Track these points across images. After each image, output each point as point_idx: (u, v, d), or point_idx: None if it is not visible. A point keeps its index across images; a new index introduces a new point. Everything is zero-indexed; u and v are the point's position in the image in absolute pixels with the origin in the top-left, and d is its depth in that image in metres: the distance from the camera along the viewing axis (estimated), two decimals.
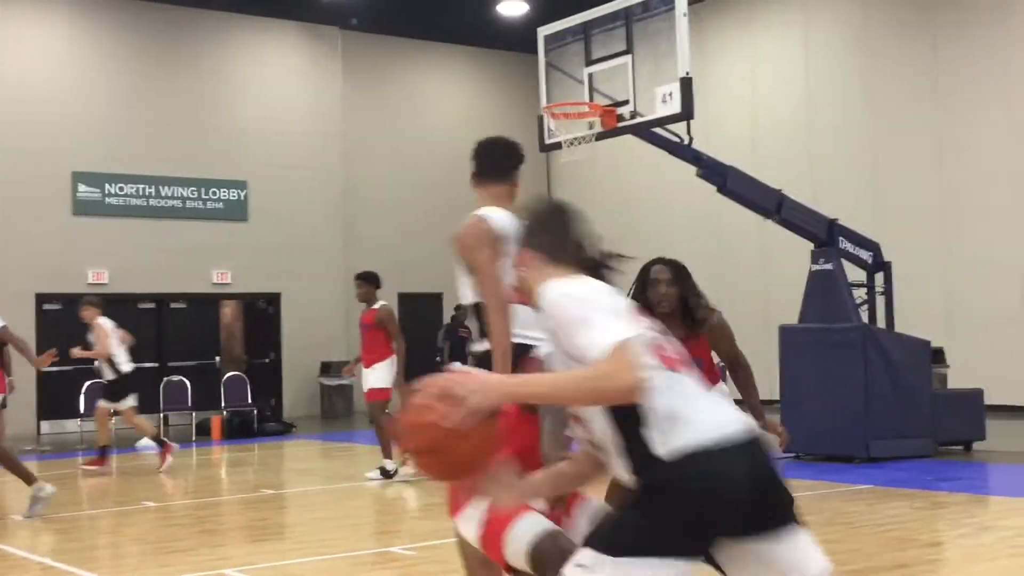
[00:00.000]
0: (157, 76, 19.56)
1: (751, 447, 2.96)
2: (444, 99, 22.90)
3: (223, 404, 17.58)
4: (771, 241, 17.83)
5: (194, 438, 16.63)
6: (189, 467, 13.82)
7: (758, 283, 18.96)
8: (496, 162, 4.64)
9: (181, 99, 19.71)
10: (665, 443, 2.90)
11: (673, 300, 5.52)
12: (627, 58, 10.83)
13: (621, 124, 10.88)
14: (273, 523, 9.23)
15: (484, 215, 4.46)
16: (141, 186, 19.18)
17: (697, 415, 2.96)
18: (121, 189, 19.00)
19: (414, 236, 21.87)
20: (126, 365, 12.80)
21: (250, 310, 20.99)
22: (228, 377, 18.12)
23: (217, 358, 19.95)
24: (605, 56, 11.09)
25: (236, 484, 12.26)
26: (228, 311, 21.20)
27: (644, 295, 5.45)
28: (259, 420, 17.45)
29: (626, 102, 10.82)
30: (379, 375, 10.83)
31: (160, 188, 19.35)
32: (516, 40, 21.25)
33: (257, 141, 20.29)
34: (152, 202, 19.28)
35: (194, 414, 17.25)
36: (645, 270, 5.53)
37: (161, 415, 17.42)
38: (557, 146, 11.34)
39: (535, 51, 11.85)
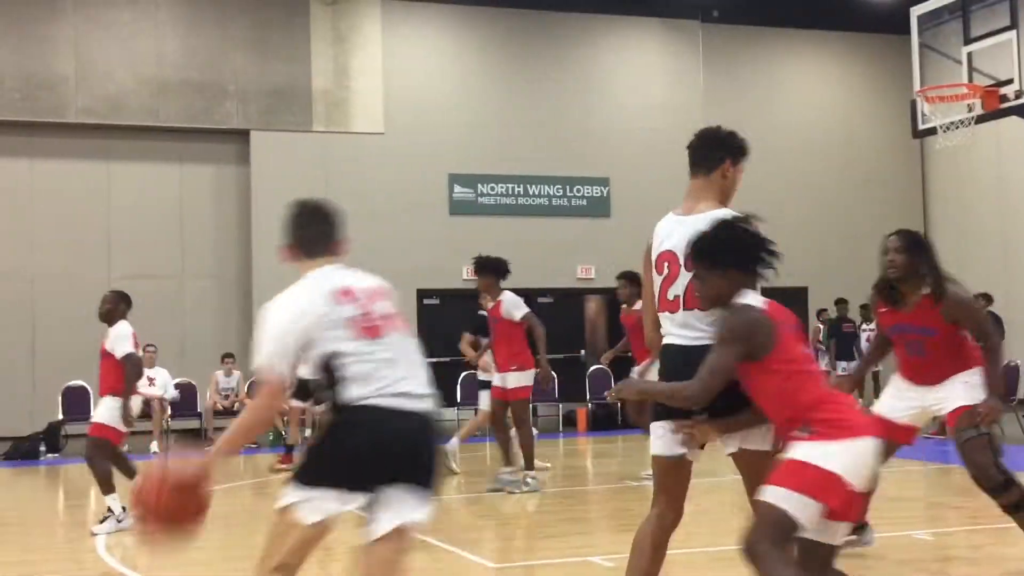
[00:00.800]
0: (526, 80, 20.38)
1: (415, 416, 3.96)
2: (808, 88, 22.23)
3: (588, 396, 18.04)
4: None
5: (561, 429, 17.18)
6: (557, 456, 14.30)
7: None
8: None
9: (548, 101, 20.42)
10: (343, 395, 3.90)
11: (901, 268, 6.06)
12: (1011, 34, 10.07)
13: (1004, 105, 10.13)
14: (638, 514, 9.31)
15: None
16: (510, 186, 20.07)
17: (376, 378, 3.94)
18: (492, 189, 19.98)
19: (778, 231, 21.03)
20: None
21: (613, 304, 21.33)
22: (593, 370, 18.57)
23: (582, 351, 20.49)
24: (986, 33, 10.38)
25: (601, 475, 12.53)
26: (592, 305, 21.71)
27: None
28: (622, 413, 17.76)
29: (1010, 81, 10.05)
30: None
31: (528, 187, 20.15)
32: (885, 21, 20.24)
33: (620, 138, 20.64)
34: (520, 201, 20.13)
35: (560, 406, 17.81)
36: (884, 239, 6.20)
37: (529, 406, 18.11)
38: (932, 131, 10.72)
39: (906, 32, 11.26)
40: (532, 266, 19.95)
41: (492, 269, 11.12)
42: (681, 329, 4.48)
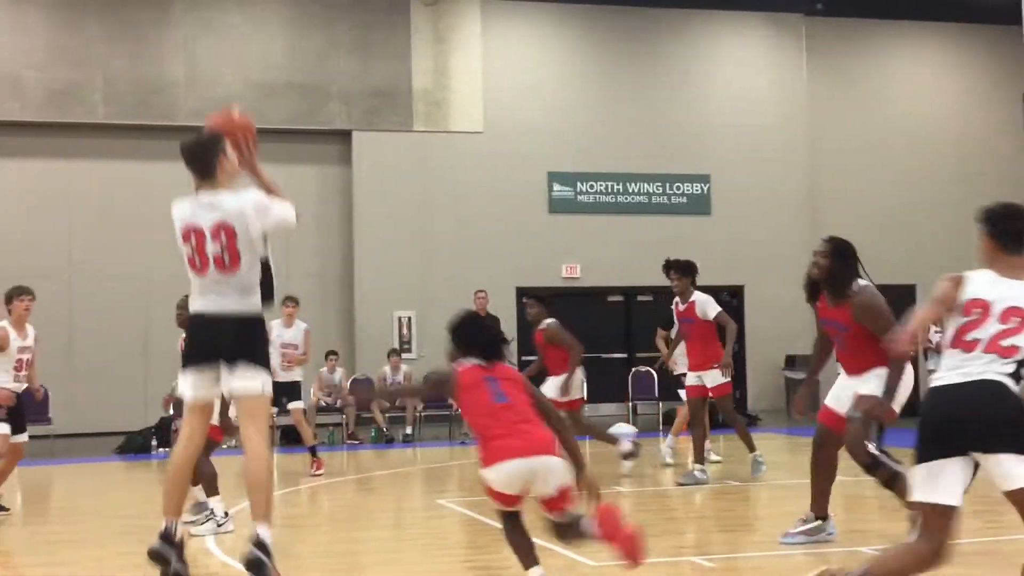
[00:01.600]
0: (624, 77, 20.29)
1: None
2: (917, 82, 21.69)
3: (685, 396, 17.86)
4: None
5: (660, 427, 17.07)
6: (656, 455, 14.21)
7: None
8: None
9: (646, 98, 20.30)
10: None
11: (823, 271, 7.52)
12: None
13: None
14: (738, 515, 9.25)
15: None
16: (609, 183, 20.01)
17: None
18: (591, 187, 19.94)
19: (887, 228, 20.92)
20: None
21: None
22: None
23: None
24: None
25: None
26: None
27: None
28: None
29: None
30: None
31: (627, 185, 20.06)
32: (1001, 12, 19.61)
33: (720, 135, 20.42)
34: (619, 199, 20.05)
35: (660, 404, 17.70)
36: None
37: (629, 404, 18.08)
38: None
39: (1020, 23, 10.89)
40: (632, 264, 19.90)
41: (686, 270, 11.64)
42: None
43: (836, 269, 7.37)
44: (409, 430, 17.11)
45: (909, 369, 6.85)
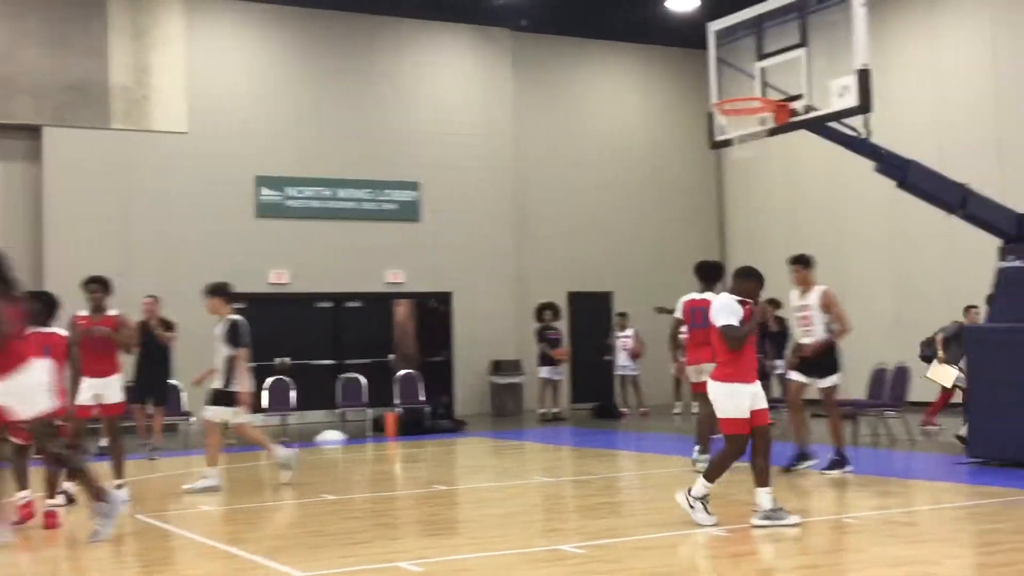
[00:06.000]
0: (335, 82, 20.18)
1: None
2: (613, 98, 22.84)
3: (397, 401, 18.00)
4: (958, 239, 17.11)
5: (369, 434, 17.07)
6: (365, 462, 14.20)
7: (943, 282, 18.21)
8: None
9: (357, 104, 20.28)
10: None
11: None
12: (801, 51, 10.58)
13: (794, 119, 10.64)
14: (446, 518, 9.38)
15: None
16: (319, 188, 19.82)
17: None
18: (300, 192, 19.68)
19: (585, 236, 21.91)
20: None
21: (422, 309, 21.42)
22: (401, 375, 18.55)
23: (391, 356, 20.43)
24: (778, 50, 10.86)
25: (410, 479, 12.52)
26: (401, 310, 21.68)
27: None
28: (431, 417, 17.79)
29: (800, 96, 10.57)
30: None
31: (337, 190, 19.95)
32: (686, 36, 20.97)
33: (429, 143, 20.69)
34: (329, 204, 19.90)
35: (369, 411, 17.70)
36: None
37: (338, 411, 17.97)
38: (727, 143, 11.16)
39: (705, 47, 11.69)
40: (341, 270, 19.82)
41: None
42: None
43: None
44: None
45: None
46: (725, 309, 7.89)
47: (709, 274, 11.30)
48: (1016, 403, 10.73)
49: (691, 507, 7.78)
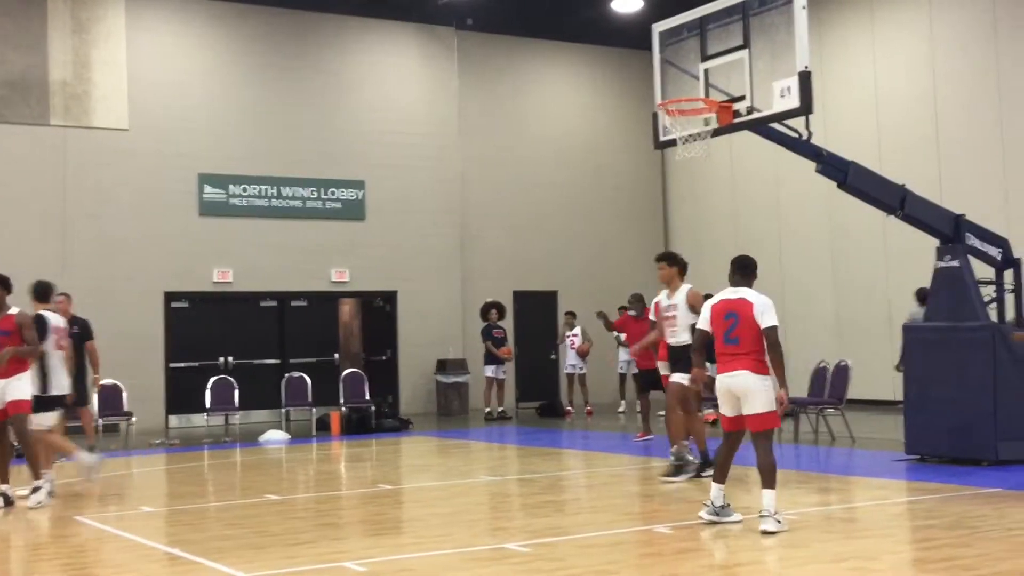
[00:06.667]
0: (278, 80, 20.03)
1: None
2: (559, 98, 22.91)
3: (342, 400, 17.92)
4: (895, 239, 17.40)
5: (314, 433, 16.97)
6: (309, 462, 14.11)
7: (881, 281, 18.50)
8: None
9: (302, 102, 20.14)
10: None
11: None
12: (744, 53, 10.67)
13: (737, 120, 10.73)
14: (391, 518, 9.36)
15: None
16: (263, 187, 19.66)
17: None
18: (244, 190, 19.51)
19: (530, 235, 21.97)
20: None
21: (367, 308, 21.34)
22: (346, 374, 18.47)
23: (336, 355, 20.34)
24: (721, 51, 10.93)
25: (355, 479, 12.47)
26: (346, 309, 21.59)
27: None
28: (377, 416, 17.73)
29: (742, 97, 10.66)
30: None
31: (281, 189, 19.80)
32: (631, 37, 21.14)
33: (374, 142, 20.61)
34: (274, 203, 19.75)
35: (314, 410, 17.61)
36: None
37: (283, 410, 17.85)
38: (672, 143, 11.23)
39: (650, 48, 11.76)
40: (286, 269, 19.69)
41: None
42: None
43: None
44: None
45: None
46: (771, 308, 7.71)
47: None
48: (951, 400, 10.94)
49: (721, 515, 7.73)
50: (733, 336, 7.67)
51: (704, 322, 7.88)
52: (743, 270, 7.95)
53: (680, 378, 10.18)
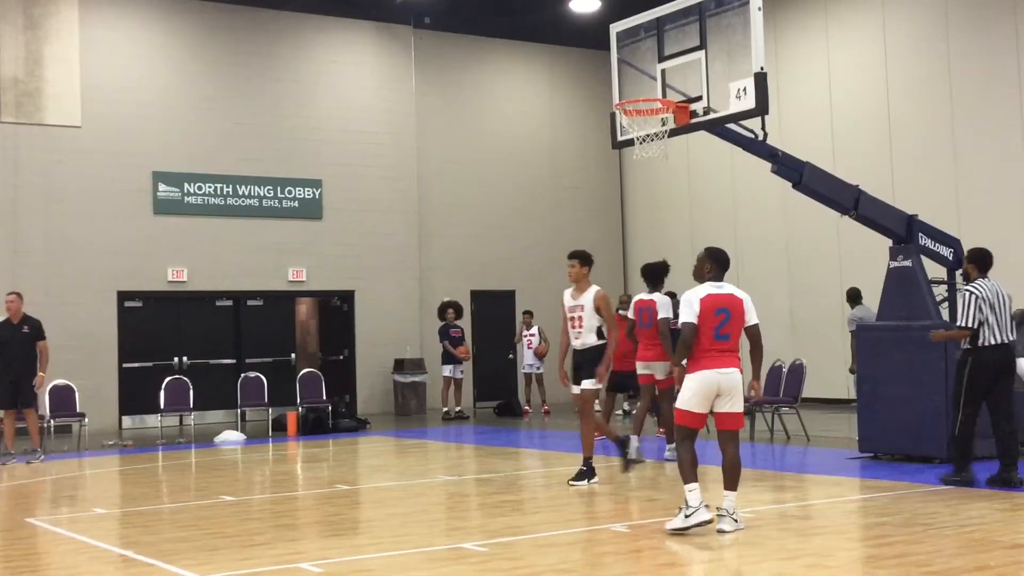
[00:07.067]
0: (234, 77, 19.87)
1: None
2: (516, 97, 22.92)
3: (299, 400, 17.81)
4: (849, 239, 17.57)
5: (270, 434, 16.86)
6: (266, 462, 14.02)
7: (835, 281, 18.68)
8: None
9: (257, 99, 20.00)
10: None
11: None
12: (700, 53, 10.73)
13: (694, 120, 10.79)
14: (348, 518, 9.31)
15: None
16: (219, 185, 19.49)
17: None
18: (199, 188, 19.34)
19: (488, 234, 21.96)
20: None
21: (325, 307, 21.23)
22: (303, 374, 18.36)
23: (292, 355, 20.22)
24: (678, 52, 10.99)
25: (311, 480, 12.39)
26: (303, 308, 21.47)
27: None
28: (334, 416, 17.64)
29: (699, 98, 10.72)
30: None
31: (237, 187, 19.64)
32: (588, 37, 21.19)
33: (331, 140, 20.51)
34: (229, 201, 19.58)
35: (270, 410, 17.49)
36: None
37: (238, 411, 17.71)
38: (629, 143, 11.26)
39: (608, 48, 11.80)
40: (242, 268, 19.54)
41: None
42: None
43: None
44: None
45: None
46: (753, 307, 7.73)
47: (654, 276, 11.75)
48: (904, 398, 11.07)
49: (735, 519, 7.49)
50: (724, 332, 7.57)
51: (693, 315, 7.57)
52: (722, 264, 7.81)
53: (589, 384, 9.87)
